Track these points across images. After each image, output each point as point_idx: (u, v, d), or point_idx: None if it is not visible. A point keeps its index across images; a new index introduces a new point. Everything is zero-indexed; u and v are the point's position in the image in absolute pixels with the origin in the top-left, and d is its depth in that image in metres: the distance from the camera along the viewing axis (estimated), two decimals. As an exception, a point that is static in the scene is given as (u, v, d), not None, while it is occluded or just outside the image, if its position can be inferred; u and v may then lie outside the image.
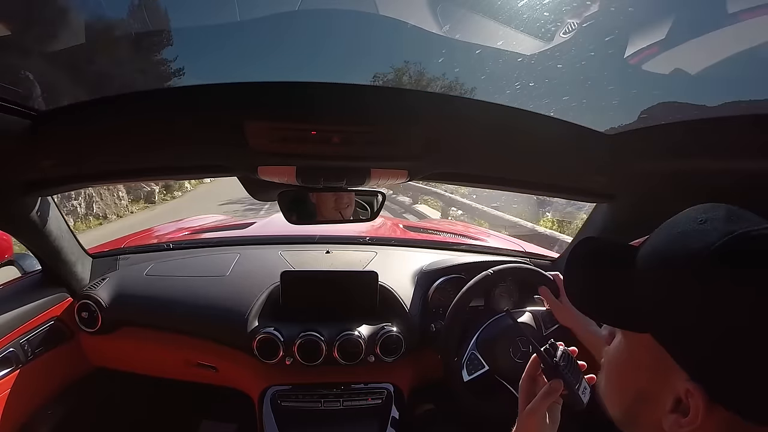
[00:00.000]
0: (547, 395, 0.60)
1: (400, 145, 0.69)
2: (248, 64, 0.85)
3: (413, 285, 1.21)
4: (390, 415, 1.06)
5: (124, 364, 1.23)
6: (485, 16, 0.59)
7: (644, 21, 0.58)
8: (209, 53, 0.88)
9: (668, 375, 0.35)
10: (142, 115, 0.65)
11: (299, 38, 0.66)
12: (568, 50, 0.63)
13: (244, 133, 0.66)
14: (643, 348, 0.37)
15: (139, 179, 0.94)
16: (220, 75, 0.80)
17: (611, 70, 0.67)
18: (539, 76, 0.70)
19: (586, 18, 0.60)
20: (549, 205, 6.79)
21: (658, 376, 0.36)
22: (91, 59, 0.66)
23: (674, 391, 0.35)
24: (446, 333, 1.04)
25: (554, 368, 0.61)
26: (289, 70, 0.72)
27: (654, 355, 0.36)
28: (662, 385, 0.36)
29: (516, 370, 1.02)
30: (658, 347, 0.36)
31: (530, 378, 0.65)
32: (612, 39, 0.61)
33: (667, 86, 0.66)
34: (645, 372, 0.38)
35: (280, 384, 1.08)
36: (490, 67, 0.69)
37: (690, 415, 0.34)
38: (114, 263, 1.28)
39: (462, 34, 0.61)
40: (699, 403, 0.33)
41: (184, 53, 0.89)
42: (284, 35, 0.69)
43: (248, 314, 1.09)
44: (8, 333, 0.96)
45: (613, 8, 0.58)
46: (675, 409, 0.35)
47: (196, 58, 0.91)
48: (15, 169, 0.76)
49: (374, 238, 1.53)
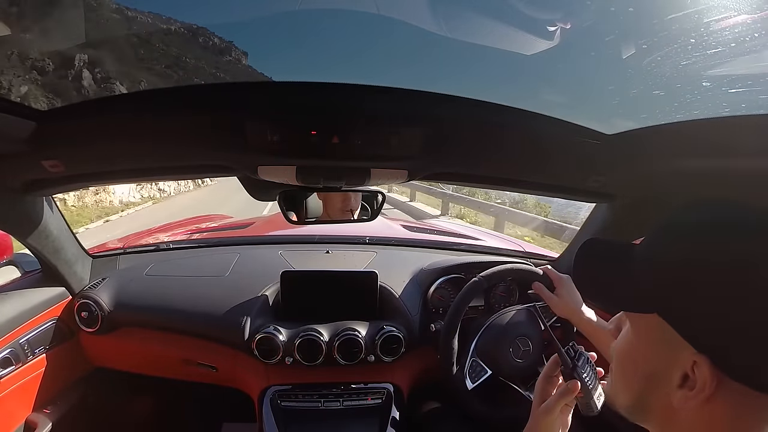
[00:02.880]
0: (563, 395, 0.60)
1: (400, 145, 0.69)
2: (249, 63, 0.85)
3: (413, 285, 1.21)
4: (390, 414, 1.06)
5: (123, 364, 1.23)
6: (485, 16, 0.59)
7: (644, 20, 0.58)
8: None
9: (675, 351, 0.36)
10: (142, 115, 0.65)
11: (299, 38, 0.66)
12: (568, 50, 0.63)
13: (244, 132, 0.66)
14: (650, 329, 0.39)
15: (140, 179, 0.94)
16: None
17: (611, 70, 0.67)
18: (539, 76, 0.70)
19: (586, 18, 0.60)
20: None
21: (666, 354, 0.38)
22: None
23: (681, 366, 0.36)
24: (446, 334, 1.04)
25: (573, 369, 0.61)
26: (289, 70, 0.72)
27: (661, 334, 0.37)
28: (670, 362, 0.37)
29: (519, 370, 1.03)
30: (665, 325, 0.37)
31: (547, 377, 0.65)
32: (612, 39, 0.61)
33: (667, 86, 0.66)
34: (653, 353, 0.40)
35: (280, 384, 1.08)
36: (490, 67, 0.69)
37: (697, 386, 0.35)
38: (114, 263, 1.28)
39: (462, 33, 0.61)
40: (706, 374, 0.34)
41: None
42: (284, 35, 0.69)
43: (248, 314, 1.09)
44: (8, 333, 0.96)
45: (613, 8, 0.58)
46: (683, 385, 0.36)
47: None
48: (15, 169, 0.76)
49: (374, 238, 1.53)
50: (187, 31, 0.65)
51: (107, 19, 0.62)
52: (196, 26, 0.65)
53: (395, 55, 0.65)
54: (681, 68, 0.61)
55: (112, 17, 0.61)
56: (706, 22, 0.53)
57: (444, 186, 8.63)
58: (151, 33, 0.64)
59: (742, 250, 0.34)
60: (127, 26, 0.64)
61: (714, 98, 0.61)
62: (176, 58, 0.66)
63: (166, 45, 0.65)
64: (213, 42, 0.65)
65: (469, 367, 1.02)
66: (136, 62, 0.66)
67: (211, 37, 0.65)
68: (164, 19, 0.63)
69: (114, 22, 0.62)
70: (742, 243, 0.34)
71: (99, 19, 0.62)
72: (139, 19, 0.62)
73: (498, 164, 0.84)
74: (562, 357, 0.63)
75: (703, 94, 0.62)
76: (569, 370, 0.62)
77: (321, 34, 0.65)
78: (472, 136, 0.71)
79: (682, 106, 0.65)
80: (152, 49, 0.65)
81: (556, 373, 0.64)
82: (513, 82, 0.69)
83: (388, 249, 1.46)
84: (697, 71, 0.61)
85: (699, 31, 0.54)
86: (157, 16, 0.63)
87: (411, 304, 1.16)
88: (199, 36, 0.66)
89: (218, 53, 0.65)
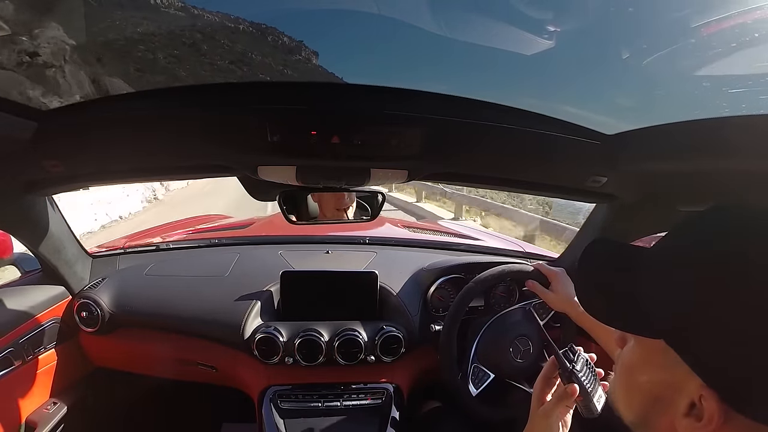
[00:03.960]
0: (560, 400, 0.60)
1: (400, 145, 0.69)
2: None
3: (413, 285, 1.21)
4: (390, 414, 1.06)
5: (123, 364, 1.23)
6: (485, 16, 0.58)
7: (644, 20, 0.58)
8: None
9: (682, 379, 0.35)
10: (143, 115, 0.65)
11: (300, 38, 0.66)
12: (568, 50, 0.63)
13: (244, 132, 0.66)
14: (656, 352, 0.37)
15: (140, 179, 0.94)
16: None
17: (611, 70, 0.67)
18: (540, 76, 0.70)
19: (586, 18, 0.60)
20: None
21: (672, 379, 0.36)
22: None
23: (688, 394, 0.35)
24: (445, 336, 1.04)
25: (571, 373, 0.61)
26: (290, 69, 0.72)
27: (667, 359, 0.36)
28: (676, 388, 0.36)
29: (520, 370, 1.03)
30: (671, 351, 0.35)
31: (545, 379, 0.65)
32: (612, 39, 0.61)
33: (668, 86, 0.66)
34: (658, 375, 0.38)
35: (280, 384, 1.08)
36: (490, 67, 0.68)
37: (704, 419, 0.33)
38: (114, 263, 1.28)
39: (462, 33, 0.61)
40: (714, 408, 0.33)
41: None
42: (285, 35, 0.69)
43: (248, 314, 1.09)
44: (8, 333, 0.96)
45: (613, 8, 0.58)
46: (689, 413, 0.35)
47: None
48: (15, 169, 0.76)
49: (374, 238, 1.53)
50: (256, 30, 0.65)
51: (172, 17, 0.61)
52: (266, 25, 0.65)
53: (395, 55, 0.65)
54: (681, 68, 0.61)
55: (177, 15, 0.61)
56: (706, 22, 0.53)
57: (459, 188, 8.31)
58: (216, 30, 0.64)
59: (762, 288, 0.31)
60: (191, 23, 0.63)
61: (714, 98, 0.61)
62: (242, 54, 0.66)
63: (231, 42, 0.65)
64: (282, 41, 0.64)
65: (471, 373, 1.03)
66: (197, 57, 0.65)
67: (280, 36, 0.64)
68: (232, 19, 0.63)
69: (178, 18, 0.62)
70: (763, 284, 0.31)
71: (162, 17, 0.62)
72: (206, 17, 0.62)
73: (498, 164, 0.84)
74: (559, 361, 0.62)
75: (703, 94, 0.62)
76: (567, 374, 0.61)
77: (320, 34, 0.64)
78: (472, 136, 0.71)
79: (682, 106, 0.65)
80: (217, 45, 0.65)
81: (555, 375, 0.64)
82: (513, 82, 0.69)
83: (388, 249, 1.46)
84: (697, 71, 0.61)
85: (699, 31, 0.54)
86: (225, 15, 0.62)
87: (411, 304, 1.16)
88: (268, 35, 0.65)
89: (287, 52, 0.64)
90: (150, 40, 0.66)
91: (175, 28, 0.65)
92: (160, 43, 0.66)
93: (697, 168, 0.69)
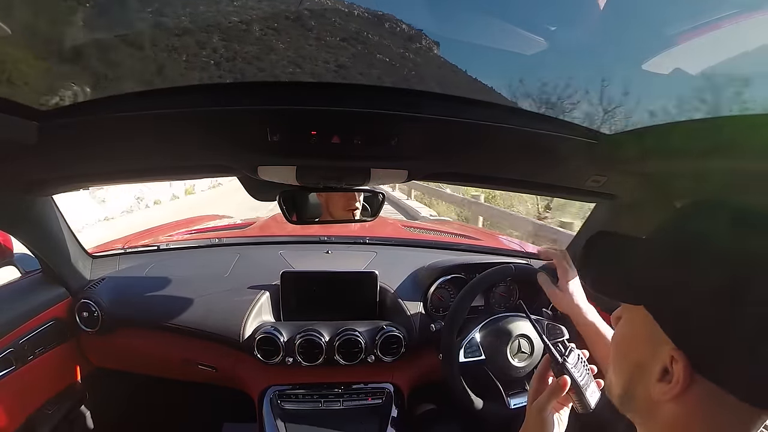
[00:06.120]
0: (553, 393, 0.60)
1: (400, 145, 0.70)
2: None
3: (413, 285, 1.21)
4: (390, 414, 1.07)
5: (123, 365, 1.23)
6: (486, 17, 0.59)
7: (644, 20, 0.58)
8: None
9: (658, 345, 0.38)
10: (143, 115, 0.65)
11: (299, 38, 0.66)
12: (568, 51, 0.63)
13: (245, 132, 0.66)
14: (639, 321, 0.41)
15: (140, 179, 0.94)
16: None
17: (611, 70, 0.67)
18: (540, 76, 0.70)
19: (585, 17, 0.60)
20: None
21: (650, 346, 0.39)
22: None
23: (662, 360, 0.37)
24: (447, 335, 1.04)
25: (562, 366, 0.62)
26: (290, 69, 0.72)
27: (648, 327, 0.39)
28: (653, 355, 0.39)
29: (509, 369, 1.03)
30: (651, 318, 0.39)
31: (540, 376, 0.66)
32: (612, 39, 0.61)
33: (667, 86, 0.66)
34: (640, 343, 0.41)
35: (280, 384, 1.08)
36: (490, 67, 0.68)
37: (673, 380, 0.36)
38: (114, 263, 1.28)
39: (463, 34, 0.61)
40: (681, 369, 0.35)
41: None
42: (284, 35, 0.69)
43: (248, 314, 1.09)
44: (8, 333, 0.95)
45: (612, 8, 0.58)
46: (662, 378, 0.37)
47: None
48: (15, 170, 0.76)
49: (374, 238, 1.53)
50: (372, 17, 0.64)
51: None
52: (382, 12, 0.64)
53: (395, 55, 0.65)
54: (681, 68, 0.61)
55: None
56: (706, 22, 0.54)
57: (464, 191, 8.14)
58: (327, 9, 0.63)
59: (734, 254, 0.34)
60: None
61: (713, 98, 0.61)
62: (356, 33, 0.65)
63: (344, 21, 0.64)
64: (401, 28, 0.63)
65: (467, 341, 1.02)
66: (304, 34, 0.64)
67: (398, 23, 0.64)
68: (347, 4, 0.62)
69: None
70: (735, 249, 0.35)
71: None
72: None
73: (498, 164, 0.84)
74: (550, 352, 0.63)
75: (702, 94, 0.62)
76: (559, 367, 0.62)
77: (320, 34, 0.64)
78: (472, 136, 0.71)
79: (681, 106, 0.65)
80: (328, 23, 0.64)
81: (550, 372, 0.64)
82: (513, 82, 0.69)
83: (388, 249, 1.46)
84: (696, 71, 0.61)
85: (699, 31, 0.54)
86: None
87: (411, 304, 1.16)
88: (385, 21, 0.64)
89: (407, 39, 0.63)
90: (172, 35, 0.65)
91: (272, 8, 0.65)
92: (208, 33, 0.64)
93: (697, 167, 0.69)
